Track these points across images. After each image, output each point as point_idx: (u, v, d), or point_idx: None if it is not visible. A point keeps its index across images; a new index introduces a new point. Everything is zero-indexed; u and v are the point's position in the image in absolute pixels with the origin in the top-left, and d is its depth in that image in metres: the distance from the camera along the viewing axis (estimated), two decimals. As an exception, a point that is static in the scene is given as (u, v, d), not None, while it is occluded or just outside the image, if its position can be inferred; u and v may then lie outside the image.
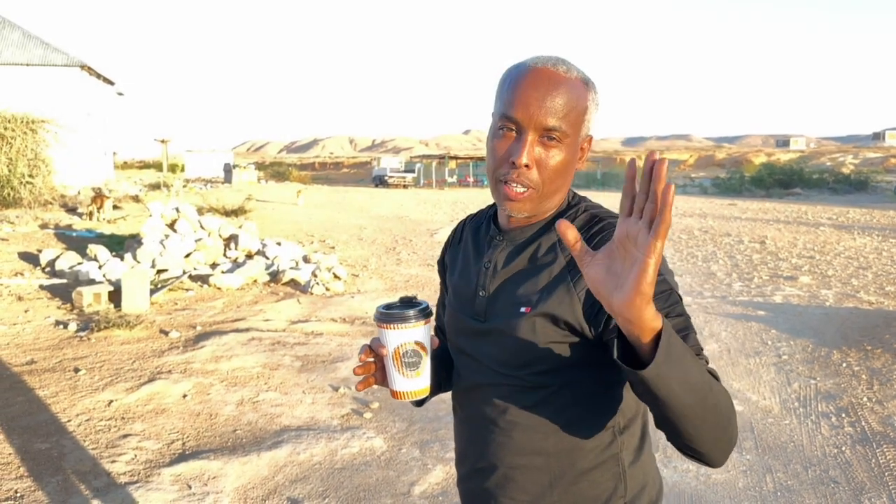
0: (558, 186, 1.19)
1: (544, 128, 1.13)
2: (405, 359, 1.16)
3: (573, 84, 1.15)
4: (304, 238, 13.46)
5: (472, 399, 1.28)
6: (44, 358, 5.55)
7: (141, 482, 3.53)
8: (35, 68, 24.41)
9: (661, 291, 1.06)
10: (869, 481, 3.67)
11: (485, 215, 1.38)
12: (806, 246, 13.78)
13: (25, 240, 11.02)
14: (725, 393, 0.98)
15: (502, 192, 1.17)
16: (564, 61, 1.17)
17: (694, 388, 0.91)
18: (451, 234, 1.47)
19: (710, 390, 0.93)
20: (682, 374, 0.89)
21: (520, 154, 1.13)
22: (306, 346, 6.04)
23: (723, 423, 0.96)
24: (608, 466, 1.19)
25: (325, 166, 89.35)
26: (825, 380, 5.34)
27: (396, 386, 1.18)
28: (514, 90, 1.14)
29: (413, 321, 1.15)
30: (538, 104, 1.12)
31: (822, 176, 40.85)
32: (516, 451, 1.21)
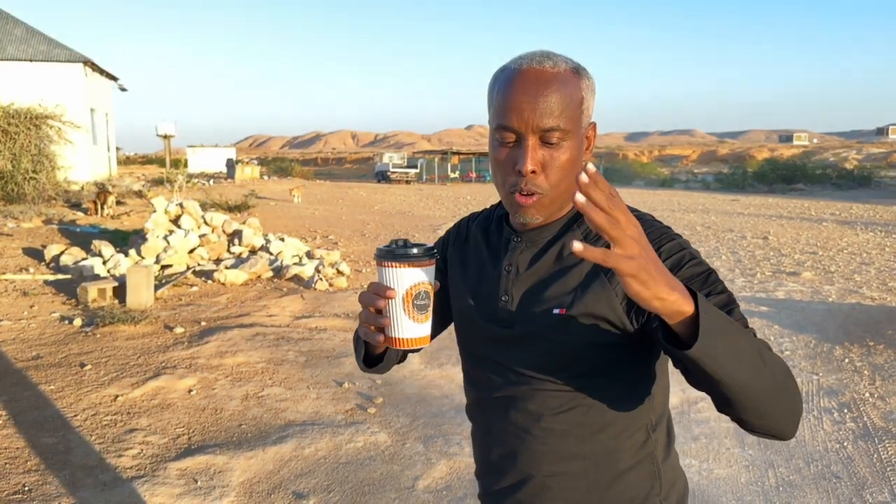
0: (567, 185, 1.14)
1: (542, 130, 1.09)
2: (416, 301, 1.07)
3: (563, 78, 1.10)
4: (306, 234, 13.48)
5: (500, 408, 1.22)
6: (49, 353, 5.58)
7: (147, 476, 3.56)
8: (38, 64, 24.43)
9: (700, 273, 1.06)
10: (871, 476, 3.68)
11: (492, 215, 1.34)
12: (809, 242, 13.78)
13: (30, 235, 11.05)
14: (780, 361, 0.95)
15: (514, 202, 1.14)
16: (549, 55, 1.13)
17: (745, 360, 0.89)
18: (454, 230, 1.41)
19: (762, 360, 0.91)
20: (729, 347, 0.87)
21: (524, 162, 1.09)
22: (310, 341, 6.06)
23: (783, 391, 0.93)
24: (644, 466, 1.18)
25: (327, 162, 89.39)
26: (827, 375, 5.35)
27: (403, 332, 1.08)
28: (504, 97, 1.11)
29: (427, 258, 1.07)
30: (531, 107, 1.08)
31: (825, 171, 40.82)
32: (553, 459, 1.17)
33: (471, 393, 1.32)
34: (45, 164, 15.85)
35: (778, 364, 0.94)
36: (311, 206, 19.67)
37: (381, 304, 1.07)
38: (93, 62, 25.83)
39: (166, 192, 17.96)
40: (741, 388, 0.89)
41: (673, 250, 1.09)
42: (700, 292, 0.96)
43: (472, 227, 1.36)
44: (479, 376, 1.27)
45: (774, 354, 0.95)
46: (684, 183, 43.83)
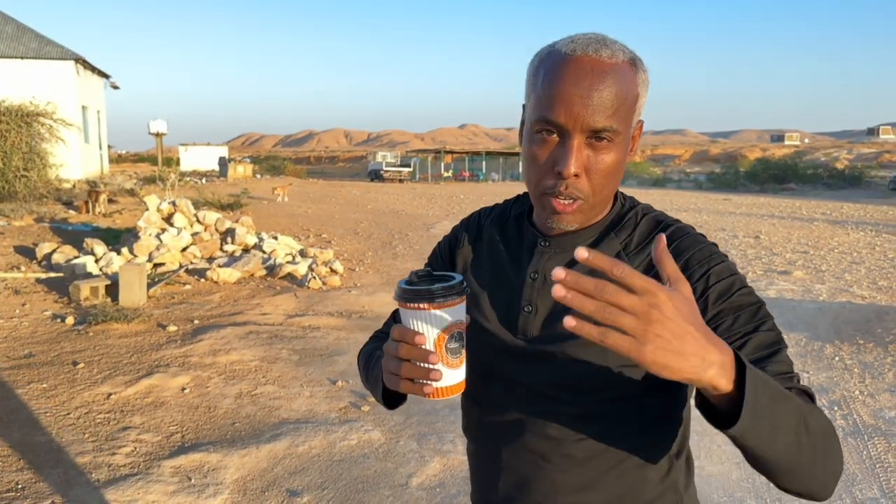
0: (611, 190, 1.03)
1: (592, 129, 0.95)
2: (449, 344, 0.91)
3: (621, 71, 0.96)
4: (300, 232, 13.47)
5: (514, 432, 1.09)
6: (42, 351, 5.57)
7: (141, 474, 3.56)
8: (29, 61, 24.31)
9: (750, 304, 0.95)
10: (860, 473, 3.72)
11: (508, 212, 1.20)
12: (800, 241, 13.86)
13: (21, 233, 11.01)
14: (824, 422, 0.85)
15: (549, 206, 1.01)
16: (606, 43, 0.98)
17: (787, 432, 0.80)
18: (462, 229, 1.24)
19: (806, 428, 0.82)
20: (773, 423, 0.78)
21: (567, 164, 0.96)
22: (304, 339, 6.07)
23: (821, 458, 0.84)
24: (668, 496, 1.08)
25: (320, 160, 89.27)
26: (818, 373, 5.39)
27: (443, 381, 0.92)
28: (552, 86, 0.96)
29: (457, 295, 0.91)
30: (583, 103, 0.94)
31: (816, 171, 41.04)
32: (573, 490, 1.05)
33: (474, 412, 1.16)
34: (36, 161, 15.78)
35: (821, 429, 0.85)
36: (304, 205, 19.64)
37: (410, 353, 0.91)
38: (84, 59, 25.71)
39: (159, 190, 17.91)
40: (778, 460, 0.81)
41: (723, 274, 0.97)
42: (754, 325, 0.92)
43: (484, 224, 1.22)
44: (489, 394, 1.11)
45: (818, 414, 0.86)
46: (677, 182, 43.99)
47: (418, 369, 0.91)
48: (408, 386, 0.93)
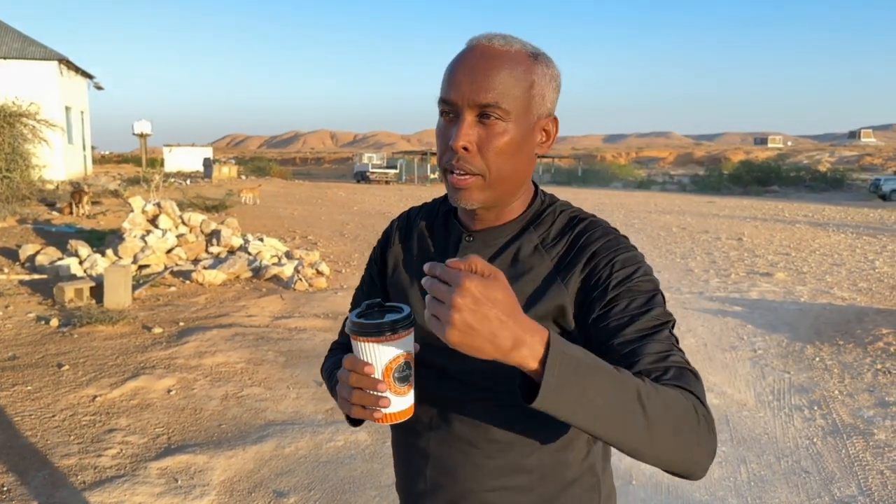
0: (509, 171, 1.07)
1: (478, 105, 1.02)
2: (396, 374, 0.97)
3: (512, 57, 1.04)
4: (286, 234, 13.45)
5: (443, 420, 1.14)
6: (26, 353, 5.54)
7: (127, 476, 3.56)
8: (12, 62, 24.09)
9: (647, 291, 1.02)
10: (839, 471, 3.79)
11: (437, 209, 1.25)
12: (782, 243, 14.02)
13: (4, 235, 10.92)
14: (675, 405, 0.87)
15: (449, 182, 1.08)
16: (504, 36, 1.06)
17: (605, 410, 0.83)
18: (392, 228, 1.30)
19: (639, 409, 0.84)
20: (579, 398, 0.81)
21: (456, 137, 1.03)
22: (290, 341, 6.08)
23: (669, 436, 0.86)
24: (586, 478, 1.14)
25: (306, 162, 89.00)
26: (799, 374, 5.47)
27: (391, 407, 0.98)
28: (450, 72, 1.05)
29: (404, 329, 0.96)
30: (469, 80, 1.02)
31: (798, 174, 41.44)
32: (497, 473, 1.10)
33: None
34: (19, 162, 15.61)
35: (668, 406, 0.86)
36: (289, 206, 19.60)
37: (360, 381, 0.96)
38: (68, 60, 25.51)
39: (143, 191, 17.80)
40: (608, 436, 0.85)
41: (627, 262, 1.05)
42: (644, 308, 0.99)
43: (414, 221, 1.28)
44: (419, 386, 1.10)
45: (668, 393, 0.87)
46: (661, 185, 44.27)
47: (368, 397, 0.97)
48: (359, 411, 0.99)
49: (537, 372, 0.81)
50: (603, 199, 28.85)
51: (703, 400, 0.92)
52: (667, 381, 0.92)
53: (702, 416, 0.89)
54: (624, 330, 0.98)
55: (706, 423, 0.90)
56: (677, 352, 0.97)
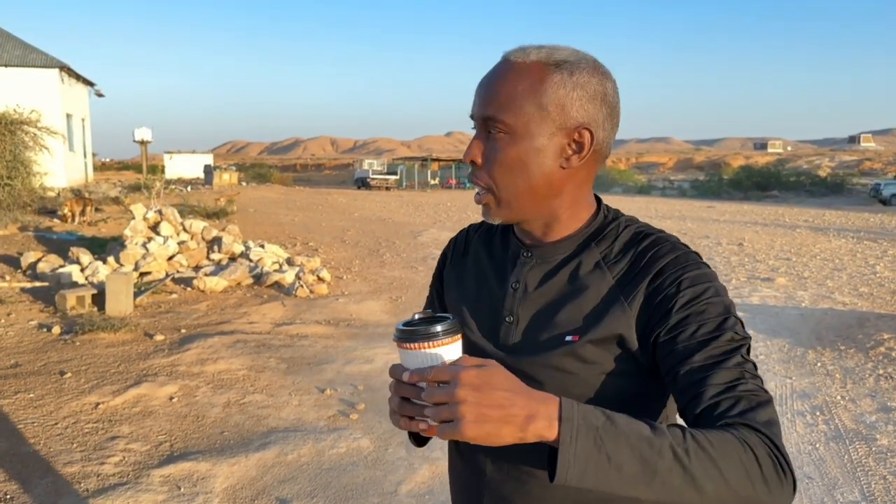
0: (521, 187, 1.03)
1: (483, 118, 1.02)
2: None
3: (524, 68, 1.00)
4: (286, 240, 13.46)
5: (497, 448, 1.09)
6: (28, 361, 5.54)
7: (130, 483, 3.57)
8: (13, 69, 24.16)
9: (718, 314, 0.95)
10: (842, 477, 3.79)
11: (496, 227, 1.21)
12: (783, 248, 14.02)
13: (5, 242, 10.93)
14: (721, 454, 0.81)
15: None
16: (526, 48, 1.03)
17: (639, 479, 0.79)
18: (452, 244, 1.28)
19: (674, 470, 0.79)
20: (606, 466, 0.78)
21: (466, 150, 1.04)
22: (291, 348, 6.08)
23: (719, 493, 0.81)
24: None
25: (306, 168, 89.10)
26: (800, 379, 5.47)
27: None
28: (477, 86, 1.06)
29: (451, 335, 0.92)
30: (480, 94, 1.02)
31: (799, 178, 41.47)
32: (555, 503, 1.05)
33: None
34: (20, 170, 15.64)
35: (716, 461, 0.80)
36: (290, 213, 19.62)
37: (406, 391, 0.91)
38: (69, 67, 25.59)
39: (144, 198, 17.82)
40: (651, 501, 0.81)
41: (697, 280, 0.98)
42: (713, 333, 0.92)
43: (472, 239, 1.24)
44: None
45: (719, 446, 0.81)
46: (661, 190, 44.32)
47: (415, 407, 0.91)
48: (406, 423, 0.93)
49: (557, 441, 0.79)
50: (603, 204, 28.85)
51: (773, 437, 0.84)
52: (732, 418, 0.86)
53: (765, 461, 0.82)
54: (691, 357, 0.92)
55: (773, 467, 0.82)
56: (750, 379, 0.90)
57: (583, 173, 1.06)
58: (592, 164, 1.06)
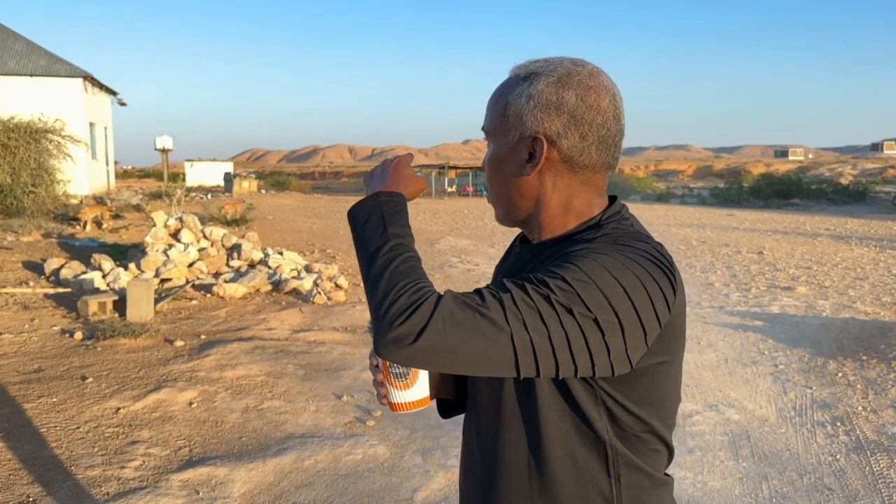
0: (498, 190, 1.15)
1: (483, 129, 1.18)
2: (392, 369, 1.17)
3: (508, 82, 1.13)
4: (304, 247, 13.54)
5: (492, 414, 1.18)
6: (51, 366, 5.63)
7: (150, 487, 3.61)
8: (39, 79, 24.58)
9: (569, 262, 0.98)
10: (863, 489, 3.74)
11: None
12: (804, 256, 13.88)
13: (29, 249, 11.10)
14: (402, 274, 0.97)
15: None
16: (530, 61, 1.12)
17: (362, 248, 1.04)
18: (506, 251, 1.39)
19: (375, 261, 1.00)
20: (358, 228, 1.06)
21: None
22: (309, 354, 6.12)
23: (370, 288, 0.98)
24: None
25: (324, 176, 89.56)
26: (821, 389, 5.42)
27: (392, 398, 1.19)
28: None
29: None
30: None
31: (820, 186, 41.00)
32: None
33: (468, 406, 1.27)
34: (44, 177, 15.91)
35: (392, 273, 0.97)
36: (308, 220, 19.74)
37: (371, 370, 1.24)
38: (93, 77, 25.98)
39: (165, 205, 18.02)
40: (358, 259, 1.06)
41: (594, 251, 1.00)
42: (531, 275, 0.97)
43: (516, 242, 1.30)
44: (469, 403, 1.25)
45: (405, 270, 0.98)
46: (680, 198, 44.03)
47: (376, 384, 1.24)
48: (379, 398, 1.24)
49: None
50: (622, 212, 28.72)
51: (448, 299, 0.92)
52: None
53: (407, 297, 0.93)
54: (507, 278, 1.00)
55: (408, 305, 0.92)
56: (507, 292, 0.94)
57: (562, 181, 1.10)
58: (567, 172, 1.09)
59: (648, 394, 1.06)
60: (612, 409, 1.04)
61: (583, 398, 1.04)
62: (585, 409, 1.04)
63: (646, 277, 0.99)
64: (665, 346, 1.05)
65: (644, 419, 1.06)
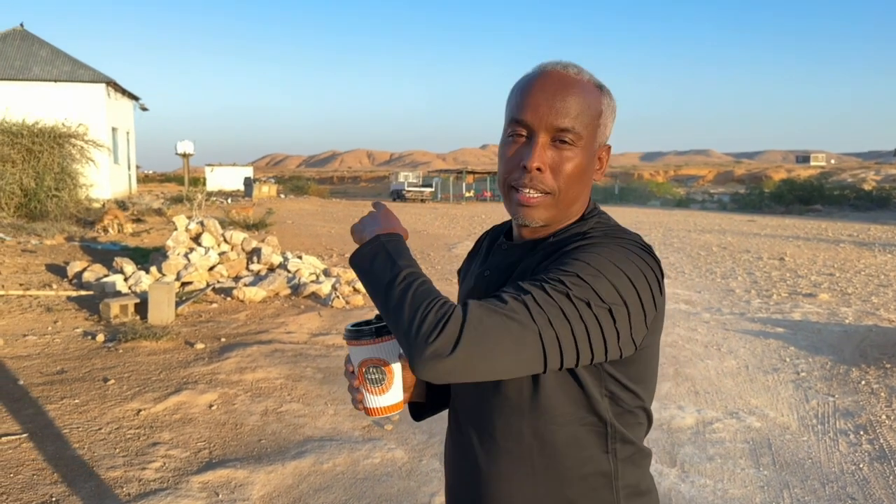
0: (577, 194, 1.14)
1: (556, 129, 1.09)
2: (368, 375, 1.18)
3: (585, 86, 1.11)
4: (323, 252, 13.61)
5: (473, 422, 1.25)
6: (73, 368, 5.70)
7: (170, 489, 3.64)
8: (63, 84, 24.93)
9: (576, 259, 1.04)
10: (886, 498, 3.69)
11: (504, 227, 1.34)
12: (826, 263, 13.72)
13: (52, 252, 11.25)
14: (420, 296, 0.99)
15: (515, 200, 1.14)
16: (575, 65, 1.13)
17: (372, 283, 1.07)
18: (474, 245, 1.41)
19: (391, 294, 1.02)
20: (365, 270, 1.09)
21: (531, 157, 1.09)
22: (328, 358, 6.14)
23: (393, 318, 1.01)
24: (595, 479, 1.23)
25: (343, 180, 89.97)
26: (843, 397, 5.35)
27: (367, 402, 1.22)
28: (524, 94, 1.11)
29: (372, 337, 1.17)
30: (548, 104, 1.09)
31: (842, 192, 40.48)
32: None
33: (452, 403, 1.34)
34: (67, 181, 16.14)
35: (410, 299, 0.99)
36: (327, 225, 19.84)
37: (346, 376, 1.26)
38: (115, 82, 26.31)
39: (186, 210, 18.18)
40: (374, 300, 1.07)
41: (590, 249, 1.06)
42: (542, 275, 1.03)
43: (485, 238, 1.38)
44: (454, 394, 1.32)
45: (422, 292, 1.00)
46: (700, 203, 43.71)
47: (351, 389, 1.26)
48: (354, 403, 1.26)
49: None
50: (641, 217, 28.59)
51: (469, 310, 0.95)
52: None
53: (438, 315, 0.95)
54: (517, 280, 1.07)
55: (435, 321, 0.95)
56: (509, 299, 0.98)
57: (591, 185, 1.20)
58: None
59: (642, 370, 1.15)
60: (613, 388, 1.12)
61: (588, 381, 1.10)
62: (591, 391, 1.11)
63: (643, 265, 1.07)
64: (657, 325, 1.13)
65: (639, 394, 1.15)
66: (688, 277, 11.61)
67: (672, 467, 4.05)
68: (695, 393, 5.43)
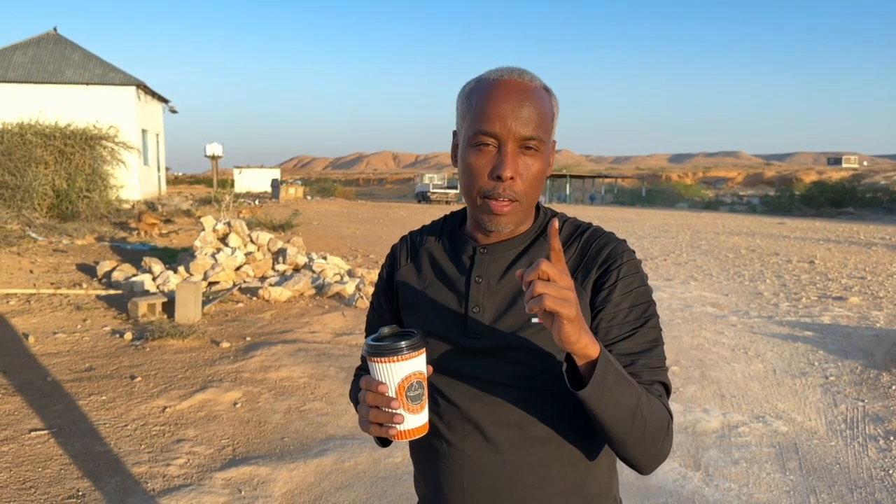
0: (537, 195, 1.20)
1: (523, 138, 1.13)
2: (409, 392, 1.07)
3: (539, 92, 1.16)
4: (348, 252, 13.68)
5: (473, 424, 1.21)
6: (101, 365, 5.79)
7: (194, 485, 3.68)
8: (94, 87, 25.36)
9: (643, 302, 1.18)
10: (917, 505, 3.61)
11: (441, 230, 1.34)
12: (857, 266, 13.47)
13: (83, 252, 11.46)
14: (658, 413, 1.10)
15: (489, 208, 1.16)
16: (527, 71, 1.19)
17: (622, 410, 1.04)
18: (393, 255, 1.38)
19: (639, 414, 1.06)
20: (613, 399, 1.02)
21: (504, 167, 1.12)
22: (351, 357, 6.17)
23: (648, 441, 1.09)
24: (603, 459, 1.26)
25: (368, 182, 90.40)
26: (874, 402, 5.25)
27: (401, 425, 1.07)
28: (486, 103, 1.14)
29: (413, 349, 1.07)
30: (514, 115, 1.12)
31: (875, 195, 39.73)
32: (535, 468, 1.19)
33: (433, 415, 1.24)
34: (98, 183, 16.43)
35: (655, 417, 1.09)
36: (352, 226, 19.94)
37: (375, 400, 1.07)
38: (145, 85, 26.71)
39: (214, 211, 18.40)
40: (613, 429, 1.06)
41: (632, 270, 1.19)
42: (643, 319, 1.16)
43: (418, 242, 1.35)
44: (448, 394, 1.22)
45: (657, 406, 1.10)
46: (729, 205, 43.19)
47: (383, 414, 1.07)
48: (376, 429, 1.09)
49: (589, 364, 1.00)
50: (668, 219, 28.33)
51: (671, 414, 1.15)
52: (652, 395, 1.12)
53: (671, 428, 1.14)
54: (627, 339, 1.15)
55: (671, 433, 1.14)
56: (664, 370, 1.17)
57: None
58: None
59: None
60: None
61: None
62: None
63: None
64: None
65: None
66: (715, 280, 11.48)
67: (696, 471, 4.00)
68: (720, 396, 5.36)
